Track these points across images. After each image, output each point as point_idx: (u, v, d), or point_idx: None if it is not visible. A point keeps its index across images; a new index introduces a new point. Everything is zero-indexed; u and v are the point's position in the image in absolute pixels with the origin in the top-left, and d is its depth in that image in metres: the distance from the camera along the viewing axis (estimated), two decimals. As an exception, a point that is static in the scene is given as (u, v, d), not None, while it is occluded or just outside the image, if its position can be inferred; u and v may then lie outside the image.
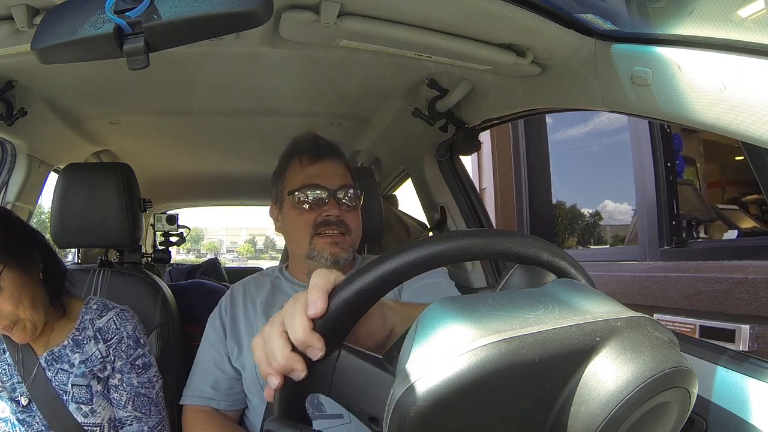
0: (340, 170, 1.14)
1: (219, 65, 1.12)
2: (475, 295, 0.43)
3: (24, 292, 0.96)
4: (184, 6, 0.51)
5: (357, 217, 1.14)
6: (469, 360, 0.36)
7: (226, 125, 1.58)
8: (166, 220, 2.77)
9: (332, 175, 1.12)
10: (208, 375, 1.09)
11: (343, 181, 1.12)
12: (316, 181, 1.11)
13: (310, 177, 1.11)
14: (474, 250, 0.46)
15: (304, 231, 1.09)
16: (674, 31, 0.67)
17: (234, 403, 1.09)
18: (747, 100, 0.59)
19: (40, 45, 0.54)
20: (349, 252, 1.09)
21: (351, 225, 1.11)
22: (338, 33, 0.83)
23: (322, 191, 1.10)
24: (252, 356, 1.05)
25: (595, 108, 0.87)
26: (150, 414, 1.05)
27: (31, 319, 0.97)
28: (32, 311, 0.97)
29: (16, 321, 0.96)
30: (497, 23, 0.78)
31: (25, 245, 1.01)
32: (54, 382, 1.01)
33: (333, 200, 1.09)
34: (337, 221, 1.08)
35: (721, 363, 0.74)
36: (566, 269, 0.50)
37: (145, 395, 1.05)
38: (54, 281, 1.05)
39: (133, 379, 1.04)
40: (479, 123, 1.32)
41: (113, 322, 1.06)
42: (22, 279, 0.97)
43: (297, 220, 1.11)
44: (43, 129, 1.37)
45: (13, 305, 0.94)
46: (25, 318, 0.96)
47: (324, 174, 1.12)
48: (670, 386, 0.39)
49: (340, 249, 1.08)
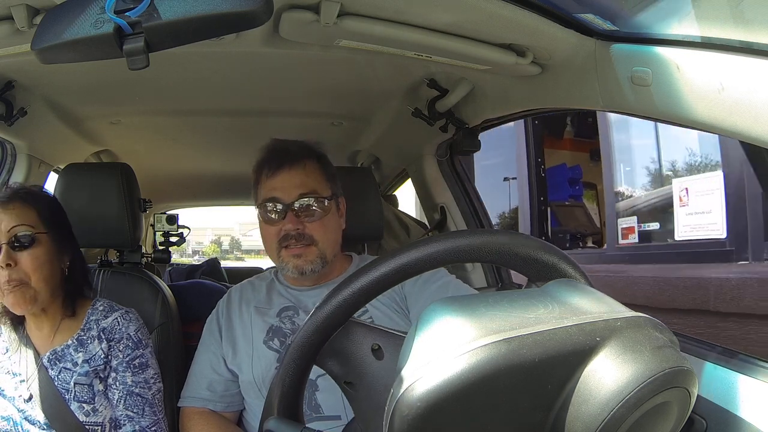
0: (298, 179, 1.08)
1: (219, 65, 1.12)
2: (475, 295, 0.43)
3: (47, 265, 1.00)
4: (184, 6, 0.51)
5: (323, 225, 1.08)
6: (469, 360, 0.36)
7: (226, 125, 1.58)
8: (166, 220, 2.78)
9: (290, 186, 1.07)
10: (205, 377, 1.10)
11: (302, 190, 1.07)
12: (273, 194, 1.08)
13: (269, 190, 1.09)
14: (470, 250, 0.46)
15: (272, 244, 1.09)
16: (674, 32, 0.67)
17: (231, 405, 1.10)
18: (746, 100, 0.59)
19: (40, 45, 0.55)
20: (316, 263, 1.07)
21: (315, 235, 1.07)
22: (338, 33, 0.83)
23: (279, 205, 1.07)
24: (248, 359, 1.05)
25: (595, 108, 0.87)
26: (143, 414, 1.04)
27: (37, 290, 0.99)
28: (43, 284, 1.00)
29: (24, 284, 0.97)
30: (497, 23, 0.78)
31: (67, 237, 1.08)
32: (56, 381, 1.01)
33: (290, 214, 1.06)
34: (297, 235, 1.06)
35: (721, 363, 0.74)
36: (566, 269, 0.50)
37: (138, 395, 1.04)
38: (75, 280, 1.08)
39: (127, 378, 1.04)
40: (479, 123, 1.32)
41: (118, 323, 1.06)
42: (53, 254, 1.02)
43: (265, 234, 1.11)
44: (43, 129, 1.37)
45: (32, 267, 0.98)
46: (32, 286, 0.98)
47: (281, 186, 1.08)
48: (670, 386, 0.39)
49: (304, 261, 1.06)
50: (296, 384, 0.49)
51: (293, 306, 1.11)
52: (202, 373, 1.10)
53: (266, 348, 1.06)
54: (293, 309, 1.11)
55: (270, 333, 1.08)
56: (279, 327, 1.08)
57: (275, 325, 1.09)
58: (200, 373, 1.11)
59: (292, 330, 1.07)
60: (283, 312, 1.10)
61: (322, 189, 1.09)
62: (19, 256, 0.98)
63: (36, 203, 1.02)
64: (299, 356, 0.49)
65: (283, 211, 1.06)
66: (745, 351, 0.72)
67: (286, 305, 1.11)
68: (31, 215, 1.00)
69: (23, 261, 0.98)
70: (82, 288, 1.09)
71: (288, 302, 1.12)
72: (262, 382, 1.05)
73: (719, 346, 0.78)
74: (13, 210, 0.99)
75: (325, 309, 0.49)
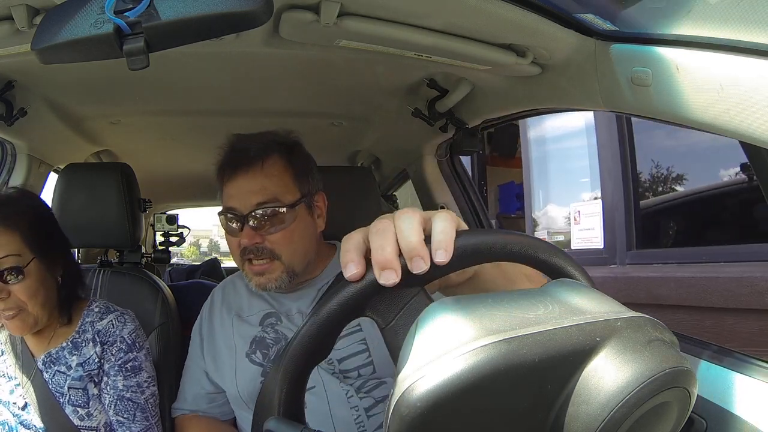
0: (256, 184, 0.94)
1: (219, 65, 1.12)
2: (474, 295, 0.43)
3: (41, 289, 0.97)
4: (184, 6, 0.51)
5: (287, 236, 0.95)
6: (469, 360, 0.36)
7: (226, 125, 1.58)
8: (166, 220, 2.78)
9: (246, 193, 0.94)
10: (192, 389, 1.08)
11: (259, 198, 0.94)
12: (230, 203, 0.96)
13: (227, 198, 0.97)
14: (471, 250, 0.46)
15: (236, 256, 0.99)
16: (674, 31, 0.67)
17: (223, 414, 1.07)
18: (746, 100, 0.59)
19: (40, 45, 0.54)
20: (281, 280, 0.96)
21: (277, 249, 0.95)
22: (338, 33, 0.83)
23: (235, 216, 0.95)
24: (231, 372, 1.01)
25: (595, 108, 0.87)
26: (134, 419, 1.02)
27: (35, 316, 0.97)
28: (41, 309, 0.98)
29: (21, 310, 0.96)
30: (497, 23, 0.78)
31: (56, 246, 1.03)
32: (51, 384, 1.00)
33: (247, 227, 0.94)
34: (255, 249, 0.95)
35: (721, 363, 0.74)
36: (566, 269, 0.50)
37: (130, 399, 1.02)
38: (70, 288, 1.05)
39: (119, 382, 1.02)
40: (479, 123, 1.32)
41: (112, 325, 1.05)
42: (45, 276, 0.98)
43: (229, 244, 0.99)
44: (43, 129, 1.37)
45: (28, 296, 0.95)
46: (31, 312, 0.97)
47: (237, 193, 0.96)
48: (670, 386, 0.39)
49: (266, 279, 0.96)
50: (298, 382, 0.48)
51: (275, 312, 1.04)
52: (191, 383, 1.09)
53: (249, 362, 1.01)
54: (275, 315, 1.04)
55: (253, 345, 1.02)
56: (262, 338, 1.02)
57: (257, 336, 1.02)
58: (188, 383, 1.09)
59: (275, 340, 1.02)
60: (266, 319, 1.04)
61: (286, 193, 0.96)
62: (10, 287, 0.94)
63: (17, 226, 0.96)
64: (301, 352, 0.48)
65: (240, 224, 0.94)
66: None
67: (267, 311, 1.05)
68: (14, 242, 0.95)
69: (16, 291, 0.94)
70: (76, 290, 1.08)
71: (270, 307, 1.05)
72: (248, 396, 1.00)
73: (719, 346, 0.78)
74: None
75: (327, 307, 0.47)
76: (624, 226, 2.52)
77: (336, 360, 0.98)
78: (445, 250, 0.42)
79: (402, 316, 0.45)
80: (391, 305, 0.45)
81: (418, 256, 0.42)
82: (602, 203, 2.69)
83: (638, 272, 2.34)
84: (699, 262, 2.11)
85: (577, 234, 2.89)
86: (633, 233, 2.51)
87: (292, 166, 0.99)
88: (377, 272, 0.42)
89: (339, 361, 0.98)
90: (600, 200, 2.72)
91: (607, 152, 2.63)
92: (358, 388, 0.96)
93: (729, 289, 1.87)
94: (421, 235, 0.43)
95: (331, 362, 0.97)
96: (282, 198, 0.96)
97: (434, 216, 0.44)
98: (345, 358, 0.98)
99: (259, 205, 0.94)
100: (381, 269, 0.42)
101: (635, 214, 2.53)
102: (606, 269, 2.49)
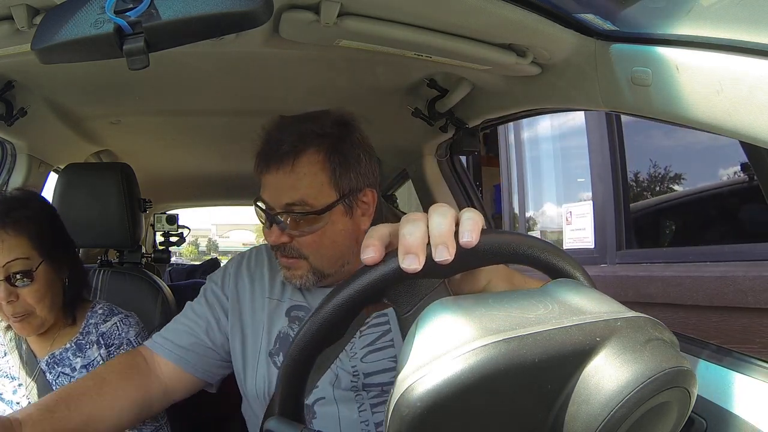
0: (287, 183, 0.86)
1: (219, 65, 1.12)
2: (474, 295, 0.43)
3: (49, 292, 0.98)
4: (184, 6, 0.51)
5: (316, 240, 0.88)
6: (469, 360, 0.36)
7: (226, 125, 1.58)
8: (166, 220, 2.78)
9: (278, 189, 0.87)
10: (187, 333, 0.94)
11: (288, 199, 0.86)
12: (263, 195, 0.90)
13: (262, 187, 0.90)
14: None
15: (270, 245, 0.93)
16: (674, 31, 0.67)
17: (205, 374, 0.94)
18: (746, 100, 0.59)
19: (40, 45, 0.54)
20: (307, 278, 0.91)
21: (304, 251, 0.89)
22: (338, 33, 0.83)
23: (264, 212, 0.90)
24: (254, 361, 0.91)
25: (595, 108, 0.87)
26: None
27: (42, 318, 0.98)
28: (48, 312, 0.98)
29: (30, 313, 0.96)
30: (497, 23, 0.78)
31: (63, 248, 1.03)
32: (54, 385, 1.00)
33: (275, 225, 0.88)
34: (283, 247, 0.89)
35: (722, 363, 0.74)
36: (566, 269, 0.50)
37: None
38: (75, 290, 1.06)
39: None
40: (479, 123, 1.33)
41: (117, 327, 1.05)
42: (53, 278, 0.99)
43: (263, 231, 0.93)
44: (43, 129, 1.37)
45: (36, 300, 0.96)
46: (38, 315, 0.97)
47: (271, 186, 0.89)
48: (670, 386, 0.39)
49: (292, 274, 0.91)
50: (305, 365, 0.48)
51: (305, 306, 0.95)
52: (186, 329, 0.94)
53: (270, 362, 0.92)
54: (305, 309, 0.95)
55: (277, 343, 0.93)
56: (286, 335, 0.93)
57: (282, 331, 0.93)
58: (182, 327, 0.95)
59: None
60: (293, 311, 0.95)
61: (319, 194, 0.87)
62: (19, 291, 0.94)
63: (26, 229, 0.96)
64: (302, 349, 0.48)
65: (269, 222, 0.90)
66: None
67: (297, 303, 0.96)
68: (23, 245, 0.95)
69: (24, 295, 0.95)
70: (81, 292, 1.08)
71: (300, 299, 0.96)
72: (264, 396, 0.91)
73: (719, 346, 0.78)
74: (4, 243, 0.94)
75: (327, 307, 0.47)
76: (614, 227, 2.58)
77: (363, 373, 0.90)
78: (471, 231, 0.44)
79: (420, 307, 0.46)
80: (411, 295, 0.46)
81: (443, 245, 0.43)
82: (593, 204, 2.75)
83: (627, 271, 2.39)
84: (685, 262, 2.15)
85: (570, 234, 2.96)
86: (623, 234, 2.56)
87: (331, 163, 0.88)
88: (401, 257, 0.43)
89: (365, 375, 0.90)
90: (591, 201, 2.78)
91: (597, 154, 2.67)
92: (374, 403, 0.91)
93: (713, 288, 1.90)
94: (452, 227, 0.44)
95: (357, 374, 0.90)
96: (313, 201, 0.87)
97: (464, 210, 0.47)
98: (373, 372, 0.91)
99: (288, 206, 0.87)
100: (405, 253, 0.43)
101: (625, 215, 2.58)
102: (597, 268, 2.55)
